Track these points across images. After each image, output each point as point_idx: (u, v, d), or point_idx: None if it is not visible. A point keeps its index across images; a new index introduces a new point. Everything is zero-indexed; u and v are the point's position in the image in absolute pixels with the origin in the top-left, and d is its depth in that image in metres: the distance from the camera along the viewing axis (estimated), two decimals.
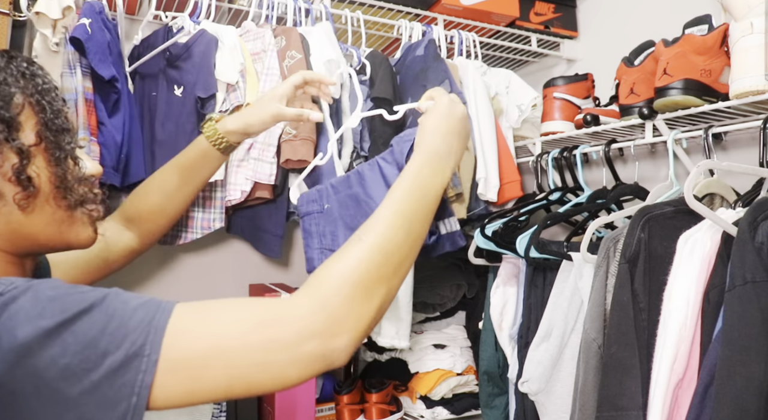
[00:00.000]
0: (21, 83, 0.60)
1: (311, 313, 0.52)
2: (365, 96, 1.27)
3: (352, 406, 1.42)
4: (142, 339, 0.48)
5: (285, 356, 0.51)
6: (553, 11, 1.60)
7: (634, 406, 0.85)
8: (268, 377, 0.51)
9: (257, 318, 0.52)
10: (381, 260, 0.59)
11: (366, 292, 0.56)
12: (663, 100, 1.07)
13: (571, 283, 1.10)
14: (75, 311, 0.48)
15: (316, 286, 0.55)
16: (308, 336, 0.51)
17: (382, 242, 0.60)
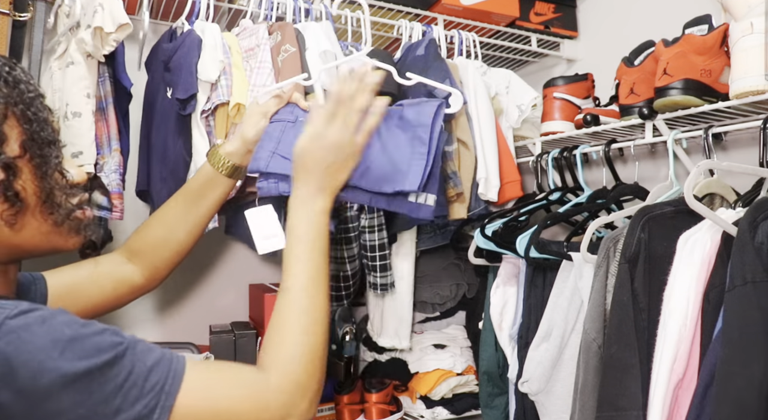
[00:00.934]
0: (4, 91, 0.57)
1: (291, 396, 0.62)
2: None
3: (352, 406, 1.42)
4: (154, 403, 0.52)
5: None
6: (553, 11, 1.60)
7: (634, 406, 0.85)
8: None
9: (249, 397, 0.59)
10: (316, 324, 0.68)
11: (318, 358, 0.67)
12: (663, 100, 1.07)
13: (571, 283, 1.10)
14: (97, 362, 0.50)
15: (287, 368, 0.64)
16: (289, 414, 0.61)
17: (309, 304, 0.69)
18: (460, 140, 1.35)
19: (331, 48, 1.20)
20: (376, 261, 1.29)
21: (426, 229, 1.41)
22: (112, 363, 0.51)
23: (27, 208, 0.59)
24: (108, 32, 1.05)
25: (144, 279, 0.93)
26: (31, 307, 0.51)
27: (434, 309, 1.53)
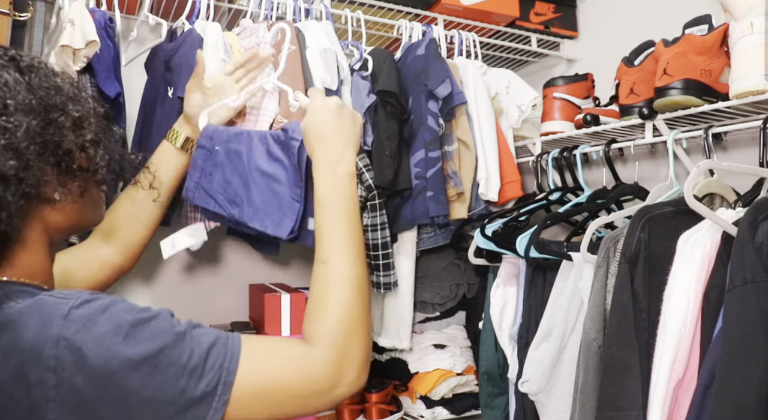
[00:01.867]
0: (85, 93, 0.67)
1: (338, 366, 0.64)
2: (367, 91, 1.27)
3: (352, 406, 1.42)
4: (216, 380, 0.56)
5: (319, 400, 0.64)
6: (553, 11, 1.60)
7: (634, 406, 0.85)
8: (304, 412, 0.63)
9: (299, 372, 0.63)
10: (357, 293, 0.71)
11: (363, 325, 0.69)
12: (663, 100, 1.07)
13: (571, 283, 1.10)
14: (159, 346, 0.54)
15: (328, 341, 0.66)
16: (338, 384, 0.64)
17: (350, 273, 0.72)
18: (460, 140, 1.35)
19: (331, 46, 1.20)
20: (380, 259, 1.28)
21: (426, 229, 1.41)
22: (173, 346, 0.54)
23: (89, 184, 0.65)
24: (77, 49, 1.05)
25: (123, 258, 0.98)
26: (91, 296, 0.55)
27: (434, 309, 1.53)
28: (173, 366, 0.54)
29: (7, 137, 0.54)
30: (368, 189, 1.25)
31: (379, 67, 1.29)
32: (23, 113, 0.57)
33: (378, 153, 1.26)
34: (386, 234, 1.27)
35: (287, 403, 0.61)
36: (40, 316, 0.52)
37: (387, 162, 1.24)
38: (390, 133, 1.25)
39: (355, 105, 1.27)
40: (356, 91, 1.27)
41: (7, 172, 0.54)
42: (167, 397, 0.53)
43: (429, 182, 1.28)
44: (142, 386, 0.52)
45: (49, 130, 0.59)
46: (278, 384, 0.61)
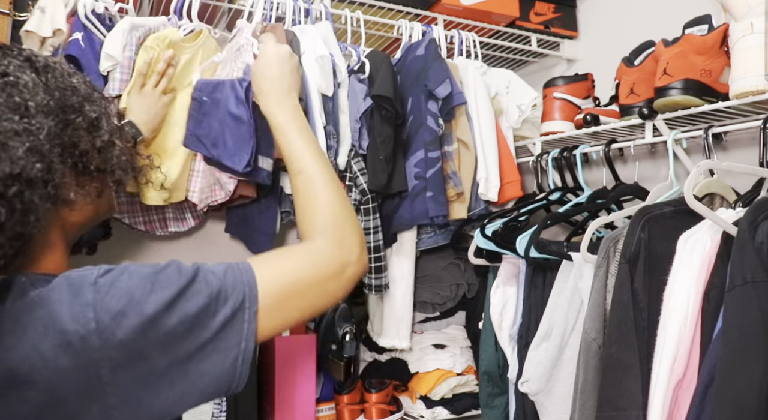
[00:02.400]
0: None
1: (340, 253, 0.71)
2: (364, 94, 1.27)
3: (352, 406, 1.42)
4: (242, 296, 0.60)
5: (336, 283, 0.70)
6: (553, 11, 1.60)
7: (634, 406, 0.85)
8: (327, 299, 0.70)
9: (309, 264, 0.68)
10: (337, 190, 0.78)
11: (351, 215, 0.77)
12: (663, 100, 1.07)
13: (571, 283, 1.10)
14: (182, 283, 0.57)
15: (329, 234, 0.73)
16: (345, 264, 0.71)
17: (327, 176, 0.79)
18: (460, 140, 1.35)
19: (327, 53, 1.19)
20: (372, 262, 1.29)
21: (426, 229, 1.41)
22: (194, 280, 0.58)
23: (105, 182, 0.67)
24: (45, 37, 1.04)
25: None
26: (110, 266, 0.58)
27: (434, 309, 1.53)
28: (199, 295, 0.58)
29: (31, 140, 0.54)
30: (362, 193, 1.25)
31: (376, 70, 1.29)
32: (43, 115, 0.57)
33: (372, 157, 1.26)
34: (379, 238, 1.28)
35: (310, 295, 0.67)
36: (69, 289, 0.54)
37: (381, 166, 1.24)
38: (385, 137, 1.25)
39: (352, 108, 1.26)
40: (353, 94, 1.27)
41: (34, 175, 0.54)
42: (203, 323, 0.57)
43: (429, 182, 1.27)
44: (180, 321, 0.56)
45: (67, 132, 0.59)
46: (296, 280, 0.66)
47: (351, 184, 1.26)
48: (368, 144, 1.27)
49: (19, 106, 0.55)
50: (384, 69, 1.28)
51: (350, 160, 1.27)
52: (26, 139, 0.54)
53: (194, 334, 0.57)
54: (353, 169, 1.26)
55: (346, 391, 1.43)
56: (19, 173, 0.52)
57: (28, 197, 0.53)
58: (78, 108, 0.61)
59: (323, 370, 1.50)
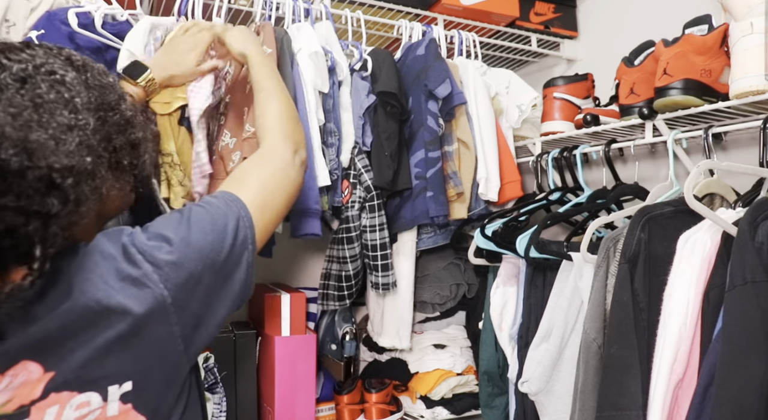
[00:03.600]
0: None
1: (285, 144, 0.86)
2: (367, 91, 1.27)
3: (352, 406, 1.42)
4: (238, 215, 0.71)
5: (293, 170, 0.84)
6: (553, 11, 1.60)
7: (634, 406, 0.85)
8: (289, 184, 0.82)
9: (268, 162, 0.83)
10: (288, 101, 0.95)
11: (295, 117, 0.94)
12: (663, 100, 1.07)
13: (571, 283, 1.10)
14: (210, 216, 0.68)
15: (276, 130, 0.88)
16: (293, 153, 0.86)
17: (281, 92, 0.95)
18: (460, 140, 1.35)
19: (320, 49, 1.19)
20: (378, 260, 1.29)
21: (426, 229, 1.41)
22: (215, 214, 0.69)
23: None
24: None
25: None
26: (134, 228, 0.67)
27: (434, 309, 1.53)
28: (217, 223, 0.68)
29: (80, 135, 0.58)
30: (367, 190, 1.25)
31: (379, 67, 1.29)
32: (87, 111, 0.60)
33: (377, 154, 1.26)
34: (385, 235, 1.28)
35: (276, 187, 0.79)
36: (107, 238, 0.63)
37: (386, 162, 1.24)
38: (390, 133, 1.26)
39: (354, 105, 1.26)
40: (356, 91, 1.28)
41: (85, 168, 0.57)
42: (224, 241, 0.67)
43: (429, 182, 1.28)
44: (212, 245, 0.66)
45: (105, 128, 0.62)
46: (265, 181, 0.78)
47: (355, 181, 1.26)
48: (372, 141, 1.27)
49: (68, 103, 0.58)
50: (387, 66, 1.28)
51: (354, 158, 1.26)
52: (77, 134, 0.57)
53: (221, 249, 0.66)
54: (357, 167, 1.26)
55: (346, 391, 1.43)
56: (73, 166, 0.56)
57: (81, 189, 0.57)
58: (115, 106, 0.64)
59: (323, 370, 1.50)
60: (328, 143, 1.23)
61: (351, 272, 1.31)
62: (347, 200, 1.27)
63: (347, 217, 1.27)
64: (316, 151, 1.17)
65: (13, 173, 0.51)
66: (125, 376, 0.61)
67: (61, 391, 0.58)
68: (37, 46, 0.61)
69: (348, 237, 1.28)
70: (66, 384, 0.58)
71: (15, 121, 0.52)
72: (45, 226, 0.54)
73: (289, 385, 1.28)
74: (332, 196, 1.27)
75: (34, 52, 0.59)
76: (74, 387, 0.58)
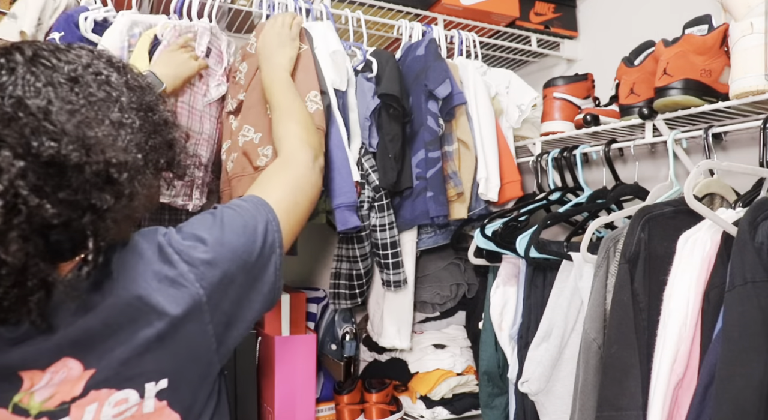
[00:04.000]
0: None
1: (304, 150, 0.89)
2: (372, 93, 1.27)
3: (352, 406, 1.42)
4: (267, 218, 0.73)
5: (314, 175, 0.87)
6: (553, 11, 1.60)
7: (634, 406, 0.85)
8: (313, 192, 0.85)
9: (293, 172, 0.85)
10: (300, 111, 0.98)
11: (311, 126, 0.98)
12: (663, 100, 1.07)
13: (571, 283, 1.10)
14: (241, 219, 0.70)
15: (293, 138, 0.92)
16: (313, 158, 0.89)
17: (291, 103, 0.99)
18: (460, 140, 1.35)
19: (341, 48, 1.20)
20: (389, 258, 1.29)
21: (426, 229, 1.41)
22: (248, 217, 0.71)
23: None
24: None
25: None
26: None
27: (434, 309, 1.53)
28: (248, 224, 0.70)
29: (130, 132, 0.60)
30: (375, 190, 1.25)
31: (382, 69, 1.29)
32: (131, 110, 0.62)
33: (382, 155, 1.26)
34: (394, 233, 1.28)
35: (300, 192, 0.81)
36: (143, 238, 0.65)
37: (390, 164, 1.25)
38: (393, 135, 1.26)
39: (360, 106, 1.27)
40: (361, 92, 1.27)
41: (138, 164, 0.60)
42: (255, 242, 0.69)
43: (429, 182, 1.28)
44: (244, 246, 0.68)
45: (147, 127, 0.64)
46: (288, 188, 0.80)
47: (363, 181, 1.26)
48: (378, 142, 1.27)
49: (116, 101, 0.60)
50: (390, 68, 1.28)
51: (361, 158, 1.27)
52: (127, 132, 0.60)
53: (254, 252, 0.69)
54: (365, 167, 1.26)
55: (346, 391, 1.43)
56: (127, 161, 0.58)
57: (134, 184, 0.59)
58: (153, 106, 0.66)
59: (323, 370, 1.50)
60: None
61: (362, 271, 1.32)
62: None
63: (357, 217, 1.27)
64: (346, 148, 1.18)
65: (72, 168, 0.53)
66: (161, 373, 0.62)
67: (100, 388, 0.59)
68: (77, 47, 0.63)
69: (358, 236, 1.28)
70: (106, 381, 0.59)
71: (73, 118, 0.54)
72: (100, 219, 0.56)
73: (289, 385, 1.28)
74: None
75: (79, 52, 0.61)
76: (113, 384, 0.60)
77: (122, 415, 0.61)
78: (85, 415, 0.59)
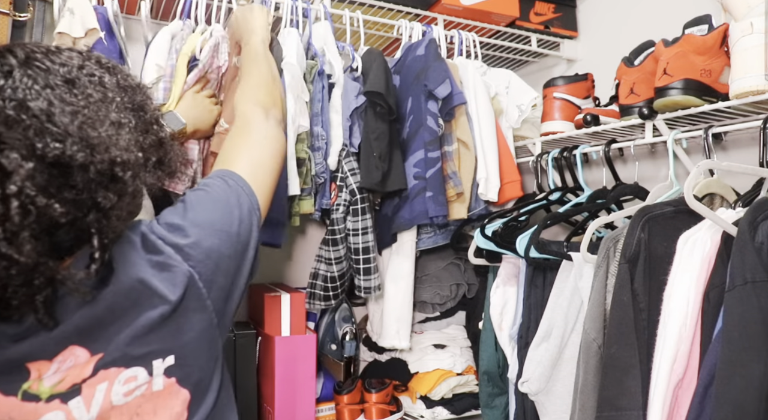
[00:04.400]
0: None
1: (254, 109, 0.89)
2: (356, 92, 1.27)
3: (352, 406, 1.42)
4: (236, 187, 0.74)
5: (271, 130, 0.87)
6: (553, 11, 1.60)
7: (634, 406, 0.85)
8: (276, 145, 0.85)
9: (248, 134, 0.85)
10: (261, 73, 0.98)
11: (267, 83, 0.96)
12: (663, 100, 1.07)
13: (571, 283, 1.10)
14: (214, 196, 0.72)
15: (244, 98, 0.92)
16: (264, 113, 0.88)
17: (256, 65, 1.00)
18: (460, 140, 1.35)
19: (294, 61, 1.18)
20: (360, 264, 1.29)
21: (426, 229, 1.41)
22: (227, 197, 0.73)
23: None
24: (77, 38, 1.04)
25: None
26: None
27: (434, 309, 1.53)
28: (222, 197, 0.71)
29: (128, 131, 0.62)
30: (351, 193, 1.24)
31: (368, 67, 1.29)
32: (126, 110, 0.63)
33: (366, 155, 1.25)
34: (368, 239, 1.27)
35: (261, 151, 0.82)
36: (130, 230, 0.65)
37: (375, 163, 1.24)
38: (379, 133, 1.25)
39: (343, 107, 1.26)
40: (345, 92, 1.27)
41: (138, 162, 0.62)
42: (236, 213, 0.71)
43: (428, 182, 1.27)
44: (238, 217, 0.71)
45: (140, 126, 0.65)
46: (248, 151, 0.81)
47: (342, 184, 1.25)
48: (360, 142, 1.27)
49: (112, 102, 0.62)
50: (376, 65, 1.27)
51: (341, 160, 1.26)
52: (126, 131, 0.62)
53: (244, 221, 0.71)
54: (344, 169, 1.25)
55: (346, 391, 1.43)
56: (130, 160, 0.60)
57: (137, 182, 0.61)
58: (144, 106, 0.68)
59: (323, 370, 1.50)
60: (315, 147, 1.23)
61: (336, 274, 1.31)
62: (334, 202, 1.27)
63: (332, 220, 1.27)
64: (290, 160, 1.16)
65: (77, 168, 0.54)
66: (168, 350, 0.64)
67: (109, 367, 0.61)
68: (66, 49, 0.64)
69: (333, 239, 1.27)
70: (113, 362, 0.61)
71: (75, 119, 0.56)
72: (105, 217, 0.57)
73: (289, 385, 1.27)
74: (320, 198, 1.26)
75: (70, 54, 0.63)
76: (121, 363, 0.61)
77: (132, 393, 0.62)
78: (96, 393, 0.60)
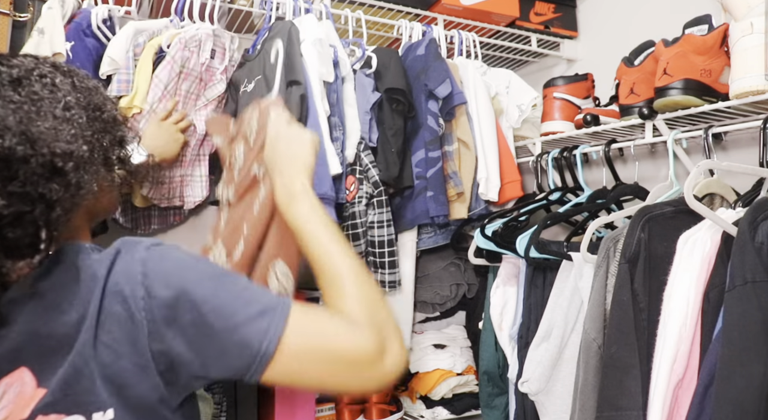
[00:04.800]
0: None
1: (377, 342, 0.63)
2: (372, 88, 1.27)
3: (352, 406, 1.42)
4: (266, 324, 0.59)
5: (373, 369, 0.62)
6: (553, 11, 1.60)
7: (634, 406, 0.85)
8: (356, 381, 0.63)
9: (346, 336, 0.62)
10: (367, 283, 0.71)
11: (385, 306, 0.69)
12: (663, 100, 1.07)
13: (571, 283, 1.10)
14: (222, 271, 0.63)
15: (369, 321, 0.65)
16: (384, 352, 0.63)
17: (355, 271, 0.71)
18: (460, 140, 1.35)
19: (323, 36, 1.19)
20: (385, 257, 1.26)
21: (426, 229, 1.41)
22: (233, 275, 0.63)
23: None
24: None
25: None
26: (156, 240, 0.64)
27: (434, 309, 1.53)
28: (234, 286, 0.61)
29: (75, 127, 0.62)
30: (375, 185, 1.24)
31: (385, 65, 1.29)
32: (78, 108, 0.64)
33: (384, 149, 1.26)
34: (391, 231, 1.26)
35: (337, 369, 0.61)
36: (125, 246, 0.61)
37: (393, 159, 1.24)
38: (396, 130, 1.26)
39: (361, 100, 1.26)
40: (360, 87, 1.27)
41: (83, 154, 0.61)
42: (230, 309, 0.59)
43: (429, 182, 1.27)
44: (212, 294, 0.59)
45: (95, 124, 0.66)
46: (327, 343, 0.61)
47: (362, 177, 1.24)
48: (378, 136, 1.27)
49: (61, 100, 0.62)
50: (394, 63, 1.29)
51: (360, 153, 1.25)
52: (72, 126, 0.62)
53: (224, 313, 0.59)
54: (364, 162, 1.25)
55: None
56: (72, 151, 0.60)
57: (80, 174, 0.61)
58: (102, 106, 0.68)
59: None
60: (333, 137, 1.21)
61: None
62: (353, 196, 1.25)
63: (353, 213, 1.25)
64: (326, 140, 1.16)
65: (18, 160, 0.55)
66: (107, 403, 0.58)
67: (48, 413, 0.57)
68: (23, 55, 0.65)
69: (354, 233, 1.25)
70: (53, 405, 0.57)
71: (15, 114, 0.57)
72: (50, 209, 0.58)
73: None
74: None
75: (23, 60, 0.64)
76: (61, 409, 0.57)
77: None
78: None
